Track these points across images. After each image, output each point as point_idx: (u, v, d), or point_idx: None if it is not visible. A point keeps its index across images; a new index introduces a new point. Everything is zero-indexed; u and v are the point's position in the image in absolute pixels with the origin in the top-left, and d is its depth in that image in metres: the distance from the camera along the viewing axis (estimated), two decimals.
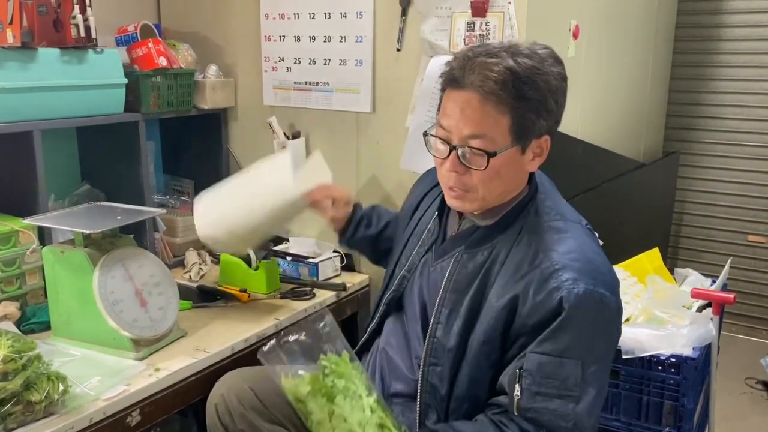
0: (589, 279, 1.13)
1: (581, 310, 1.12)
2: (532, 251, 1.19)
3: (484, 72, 1.11)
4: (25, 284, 1.72)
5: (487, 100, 1.12)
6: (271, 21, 2.23)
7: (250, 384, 1.45)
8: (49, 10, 1.78)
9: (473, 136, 1.15)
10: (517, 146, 1.17)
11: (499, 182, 1.20)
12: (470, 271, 1.25)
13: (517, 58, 1.13)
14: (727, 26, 3.39)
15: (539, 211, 1.24)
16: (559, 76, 1.17)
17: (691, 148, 3.55)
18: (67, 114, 1.86)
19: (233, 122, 2.40)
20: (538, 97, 1.13)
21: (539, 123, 1.16)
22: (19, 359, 1.24)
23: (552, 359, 1.13)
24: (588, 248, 1.20)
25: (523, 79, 1.12)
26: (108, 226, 1.57)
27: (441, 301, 1.27)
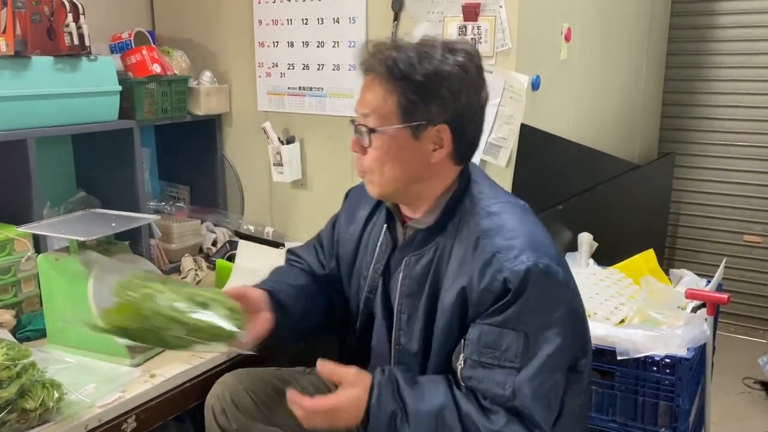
0: (530, 253, 1.15)
1: (525, 285, 1.13)
2: (473, 240, 1.20)
3: (379, 56, 1.18)
4: (20, 292, 1.72)
5: (379, 80, 1.18)
6: (264, 27, 2.24)
7: (245, 386, 1.46)
8: (42, 18, 1.78)
9: (364, 114, 1.21)
10: (405, 128, 1.18)
11: (391, 166, 1.21)
12: (419, 273, 1.26)
13: (416, 45, 1.18)
14: (721, 27, 3.40)
15: (474, 200, 1.25)
16: (456, 64, 1.17)
17: (687, 149, 3.56)
18: (61, 122, 1.87)
19: (228, 128, 2.41)
20: (423, 79, 1.15)
21: (428, 108, 1.17)
22: (14, 367, 1.24)
23: (492, 329, 1.15)
24: (525, 224, 1.22)
25: (410, 60, 1.15)
26: (102, 233, 1.58)
27: (399, 308, 1.29)
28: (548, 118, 2.09)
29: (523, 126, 1.90)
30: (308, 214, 2.31)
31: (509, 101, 1.87)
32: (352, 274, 1.46)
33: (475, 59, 1.20)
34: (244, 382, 1.47)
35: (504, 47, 1.84)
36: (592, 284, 2.01)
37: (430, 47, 1.18)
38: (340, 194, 2.21)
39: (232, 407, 1.43)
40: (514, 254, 1.15)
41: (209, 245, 2.34)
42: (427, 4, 1.92)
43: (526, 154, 1.94)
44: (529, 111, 1.92)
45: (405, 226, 1.33)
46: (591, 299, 1.91)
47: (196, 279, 2.10)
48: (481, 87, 1.22)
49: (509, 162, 1.91)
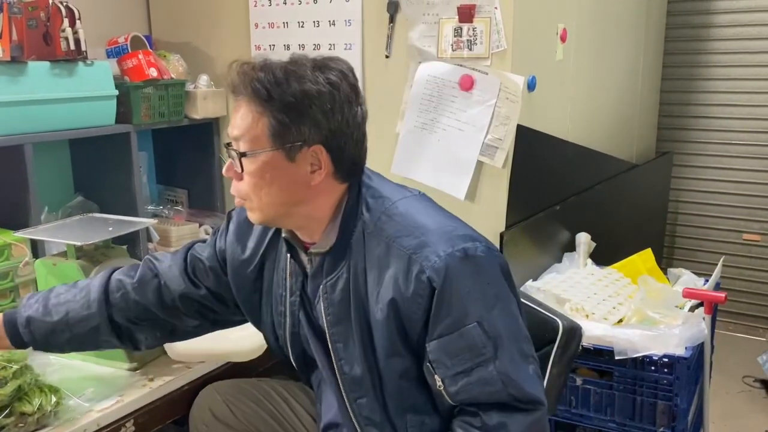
0: (442, 243, 1.12)
1: (451, 277, 1.10)
2: (383, 247, 1.16)
3: (244, 77, 1.12)
4: (18, 297, 1.72)
5: (249, 103, 1.13)
6: (260, 30, 2.24)
7: (224, 397, 1.49)
8: (38, 23, 1.79)
9: (236, 138, 1.15)
10: (278, 151, 1.12)
11: (269, 190, 1.15)
12: (339, 298, 1.20)
13: (286, 64, 1.13)
14: (717, 26, 3.40)
15: (369, 206, 1.20)
16: (329, 83, 1.12)
17: (684, 148, 3.56)
18: (58, 126, 1.87)
19: (225, 131, 2.41)
20: (292, 100, 1.10)
21: (299, 129, 1.11)
22: (10, 368, 1.24)
23: (451, 337, 1.11)
24: (428, 216, 1.18)
25: (279, 83, 1.10)
26: (100, 237, 1.58)
27: (331, 338, 1.22)
28: (545, 119, 2.10)
29: (519, 127, 1.90)
30: None
31: (505, 102, 1.87)
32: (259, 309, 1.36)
33: (349, 77, 1.15)
34: (222, 394, 1.49)
35: (499, 48, 1.85)
36: (590, 284, 2.02)
37: (300, 66, 1.12)
38: None
39: (211, 418, 1.46)
40: (429, 251, 1.11)
41: None
42: (422, 6, 1.92)
43: (523, 155, 1.95)
44: (526, 112, 1.92)
45: (308, 252, 1.25)
46: (589, 299, 1.91)
47: None
48: (357, 103, 1.16)
49: (506, 163, 1.91)
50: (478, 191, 1.96)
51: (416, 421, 1.21)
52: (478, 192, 1.96)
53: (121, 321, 1.37)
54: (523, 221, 2.05)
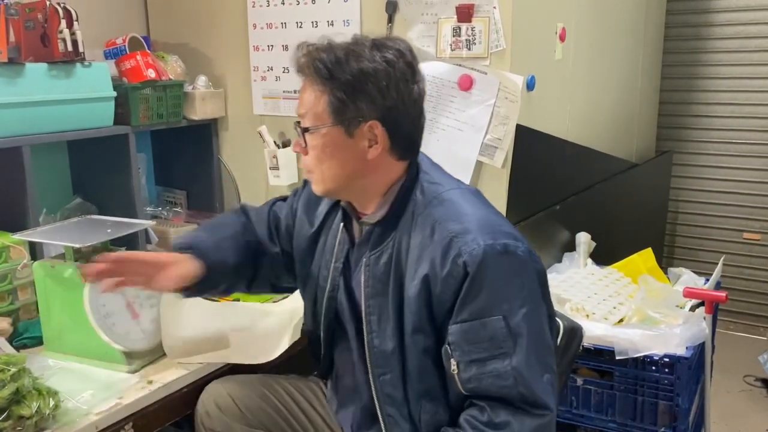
0: (485, 234, 1.15)
1: (486, 267, 1.13)
2: (428, 229, 1.20)
3: (307, 58, 1.20)
4: (17, 300, 1.72)
5: (311, 82, 1.21)
6: (258, 31, 2.23)
7: (230, 392, 1.49)
8: (36, 25, 1.78)
9: (301, 115, 1.24)
10: (338, 126, 1.20)
11: (330, 164, 1.23)
12: (381, 271, 1.25)
13: (347, 44, 1.19)
14: (717, 25, 3.40)
15: (424, 190, 1.26)
16: (386, 61, 1.17)
17: (684, 147, 3.56)
18: (56, 128, 1.87)
19: (224, 132, 2.41)
20: (348, 77, 1.17)
21: (357, 105, 1.18)
22: (8, 371, 1.24)
23: (473, 324, 1.14)
24: (478, 207, 1.23)
25: (339, 61, 1.17)
26: (98, 239, 1.57)
27: (366, 310, 1.27)
28: (544, 119, 2.09)
29: (518, 126, 1.89)
30: None
31: (504, 102, 1.86)
32: (309, 271, 1.44)
33: (406, 56, 1.21)
34: (228, 388, 1.50)
35: (498, 48, 1.84)
36: (590, 284, 2.01)
37: (359, 45, 1.19)
38: None
39: (217, 411, 1.46)
40: (470, 237, 1.15)
41: None
42: (420, 6, 1.92)
43: (523, 154, 1.94)
44: (525, 111, 1.92)
45: (360, 222, 1.32)
46: (589, 299, 1.91)
47: None
48: (413, 81, 1.21)
49: (505, 163, 1.91)
50: None
51: (430, 409, 1.23)
52: None
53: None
54: (523, 221, 2.05)
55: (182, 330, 1.64)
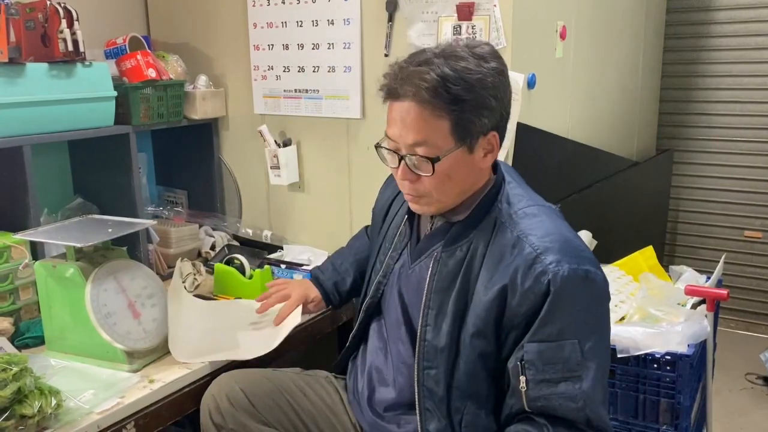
0: (571, 258, 1.16)
1: (569, 290, 1.14)
2: (512, 239, 1.20)
3: (416, 81, 1.14)
4: (18, 299, 1.72)
5: (423, 108, 1.15)
6: (259, 30, 2.23)
7: (241, 385, 1.46)
8: (36, 25, 1.78)
9: (417, 143, 1.18)
10: (462, 147, 1.18)
11: (451, 184, 1.22)
12: (451, 269, 1.25)
13: (450, 60, 1.15)
14: (717, 22, 3.40)
15: (510, 199, 1.26)
16: (494, 71, 1.17)
17: (685, 145, 3.56)
18: (57, 128, 1.87)
19: (224, 132, 2.41)
20: (473, 96, 1.14)
21: (481, 122, 1.17)
22: (10, 370, 1.24)
23: (550, 345, 1.14)
24: (564, 230, 1.23)
25: (455, 81, 1.13)
26: (99, 239, 1.57)
27: (426, 303, 1.27)
28: (545, 117, 2.09)
29: (519, 125, 1.89)
30: (306, 216, 2.31)
31: None
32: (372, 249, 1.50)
33: (501, 59, 1.21)
34: (239, 381, 1.47)
35: (499, 46, 1.84)
36: None
37: (462, 59, 1.15)
38: (337, 196, 2.21)
39: (228, 405, 1.44)
40: (556, 258, 1.15)
41: (208, 249, 2.34)
42: (421, 5, 1.92)
43: (523, 152, 1.94)
44: (525, 110, 1.92)
45: (434, 217, 1.33)
46: None
47: (195, 283, 2.10)
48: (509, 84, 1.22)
49: (506, 161, 1.91)
50: None
51: (473, 411, 1.24)
52: None
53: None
54: None
55: (189, 332, 1.65)
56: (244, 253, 2.10)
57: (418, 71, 1.14)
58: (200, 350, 1.61)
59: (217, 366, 1.59)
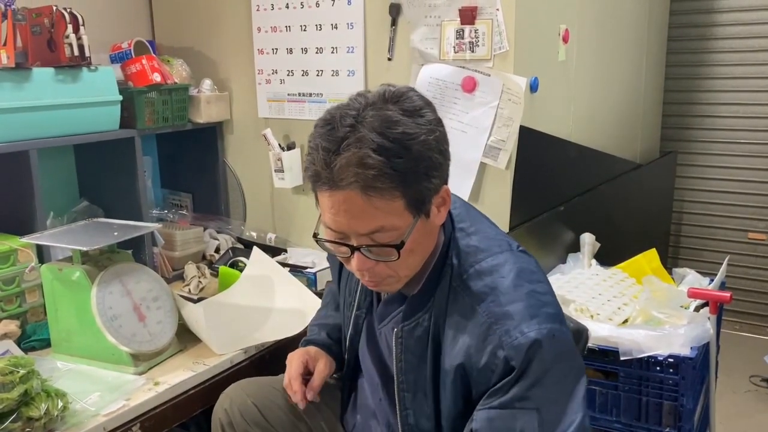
0: (531, 321, 1.03)
1: (531, 360, 1.01)
2: (468, 307, 1.08)
3: (355, 169, 0.97)
4: (25, 302, 1.73)
5: (371, 196, 0.99)
6: (263, 34, 2.25)
7: (253, 399, 1.41)
8: (42, 30, 1.80)
9: (372, 232, 1.02)
10: (420, 217, 1.05)
11: (415, 256, 1.09)
12: (417, 343, 1.14)
13: (384, 130, 0.98)
14: (720, 25, 3.40)
15: (460, 254, 1.12)
16: (431, 123, 1.03)
17: (689, 148, 3.56)
18: (63, 132, 1.88)
19: (229, 135, 2.42)
20: (423, 164, 1.01)
21: (434, 184, 1.04)
22: (16, 372, 1.25)
23: (502, 412, 1.03)
24: (522, 281, 1.08)
25: (399, 153, 0.98)
26: (105, 242, 1.58)
27: (400, 386, 1.17)
28: (547, 120, 2.10)
29: (522, 128, 1.90)
30: (310, 219, 2.32)
31: (508, 104, 1.87)
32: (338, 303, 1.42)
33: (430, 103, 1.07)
34: (251, 395, 1.42)
35: (501, 50, 1.85)
36: (594, 284, 2.01)
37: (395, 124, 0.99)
38: None
39: (240, 420, 1.39)
40: (513, 325, 1.03)
41: (212, 252, 2.35)
42: (424, 9, 1.93)
43: (526, 156, 1.95)
44: (528, 113, 1.92)
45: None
46: (594, 299, 1.91)
47: (200, 286, 2.11)
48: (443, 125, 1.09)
49: (509, 164, 1.91)
50: (481, 193, 1.97)
51: None
52: (482, 193, 1.96)
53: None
54: (527, 222, 2.05)
55: (225, 323, 1.71)
56: (249, 256, 2.11)
57: (355, 156, 0.97)
58: (240, 339, 1.68)
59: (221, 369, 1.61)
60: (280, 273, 1.96)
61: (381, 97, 1.04)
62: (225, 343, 1.66)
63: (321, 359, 1.40)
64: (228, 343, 1.67)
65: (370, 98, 1.04)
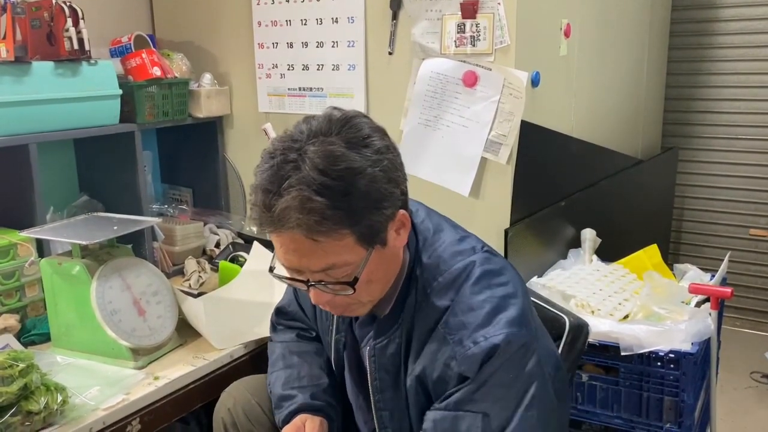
0: (485, 329, 1.03)
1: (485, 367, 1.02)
2: (430, 320, 1.08)
3: (296, 215, 0.94)
4: (24, 296, 1.73)
5: (317, 237, 0.96)
6: (263, 28, 2.24)
7: (256, 398, 1.40)
8: (42, 23, 1.79)
9: (324, 269, 1.01)
10: (374, 247, 1.03)
11: (375, 284, 1.08)
12: (389, 362, 1.14)
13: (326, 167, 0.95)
14: (722, 20, 3.39)
15: (423, 267, 1.11)
16: (379, 154, 0.99)
17: (690, 144, 3.55)
18: (62, 126, 1.88)
19: (229, 130, 2.41)
20: (370, 199, 0.98)
21: (384, 215, 1.01)
22: (16, 366, 1.25)
23: (446, 414, 1.04)
24: (482, 288, 1.07)
25: (343, 190, 0.95)
26: (105, 236, 1.58)
27: (377, 405, 1.17)
28: (549, 115, 2.09)
29: (523, 123, 1.89)
30: None
31: (509, 98, 1.86)
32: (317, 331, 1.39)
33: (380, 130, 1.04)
34: (254, 394, 1.40)
35: (503, 44, 1.84)
36: (595, 280, 2.01)
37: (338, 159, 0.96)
38: None
39: (245, 420, 1.37)
40: (466, 335, 1.02)
41: (212, 247, 2.35)
42: (425, 3, 1.92)
43: (527, 151, 1.94)
44: (529, 108, 1.91)
45: None
46: (594, 295, 1.91)
47: (200, 281, 2.11)
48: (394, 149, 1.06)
49: (510, 159, 1.91)
50: (482, 188, 1.96)
51: None
52: (482, 188, 1.96)
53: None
54: (528, 217, 2.05)
55: (225, 318, 1.71)
56: (249, 251, 2.10)
57: (295, 200, 0.94)
58: (239, 334, 1.68)
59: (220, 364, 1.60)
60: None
61: (326, 126, 1.00)
62: (225, 337, 1.66)
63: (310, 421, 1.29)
64: (228, 338, 1.66)
65: (314, 127, 1.00)
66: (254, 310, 1.81)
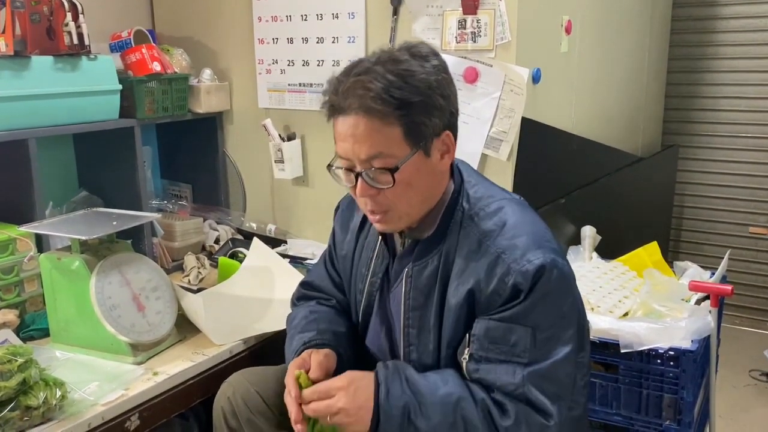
0: (535, 251, 1.13)
1: (536, 284, 1.12)
2: (475, 242, 1.19)
3: (359, 92, 1.10)
4: (23, 292, 1.73)
5: (371, 118, 1.11)
6: (263, 24, 2.23)
7: (256, 387, 1.40)
8: (41, 18, 1.79)
9: (371, 157, 1.13)
10: (418, 151, 1.14)
11: (414, 192, 1.18)
12: (424, 283, 1.23)
13: (389, 65, 1.11)
14: (723, 18, 3.39)
15: (471, 201, 1.23)
16: (437, 69, 1.14)
17: (690, 141, 3.55)
18: (62, 121, 1.87)
19: (229, 125, 2.41)
20: (420, 98, 1.11)
21: (432, 123, 1.14)
22: (15, 361, 1.25)
23: (500, 324, 1.13)
24: (526, 221, 1.20)
25: (400, 85, 1.10)
26: (104, 231, 1.58)
27: (405, 323, 1.25)
28: (549, 112, 2.09)
29: (523, 119, 1.89)
30: (310, 210, 2.31)
31: (510, 95, 1.86)
32: (350, 288, 1.43)
33: (440, 57, 1.18)
34: (254, 383, 1.41)
35: (504, 40, 1.84)
36: (595, 277, 2.01)
37: (400, 62, 1.12)
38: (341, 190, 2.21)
39: (244, 408, 1.38)
40: (519, 254, 1.13)
41: (212, 243, 2.35)
42: None
43: (528, 147, 1.94)
44: (530, 104, 1.91)
45: (402, 234, 1.29)
46: (594, 292, 1.90)
47: (199, 277, 2.11)
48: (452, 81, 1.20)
49: (510, 156, 1.90)
50: None
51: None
52: None
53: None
54: None
55: (225, 313, 1.72)
56: (248, 247, 2.10)
57: (359, 81, 1.10)
58: (238, 330, 1.69)
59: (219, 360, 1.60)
60: (279, 264, 1.95)
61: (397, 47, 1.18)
62: (224, 333, 1.66)
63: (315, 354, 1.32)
64: (227, 334, 1.66)
65: (389, 47, 1.18)
66: (253, 305, 1.81)
